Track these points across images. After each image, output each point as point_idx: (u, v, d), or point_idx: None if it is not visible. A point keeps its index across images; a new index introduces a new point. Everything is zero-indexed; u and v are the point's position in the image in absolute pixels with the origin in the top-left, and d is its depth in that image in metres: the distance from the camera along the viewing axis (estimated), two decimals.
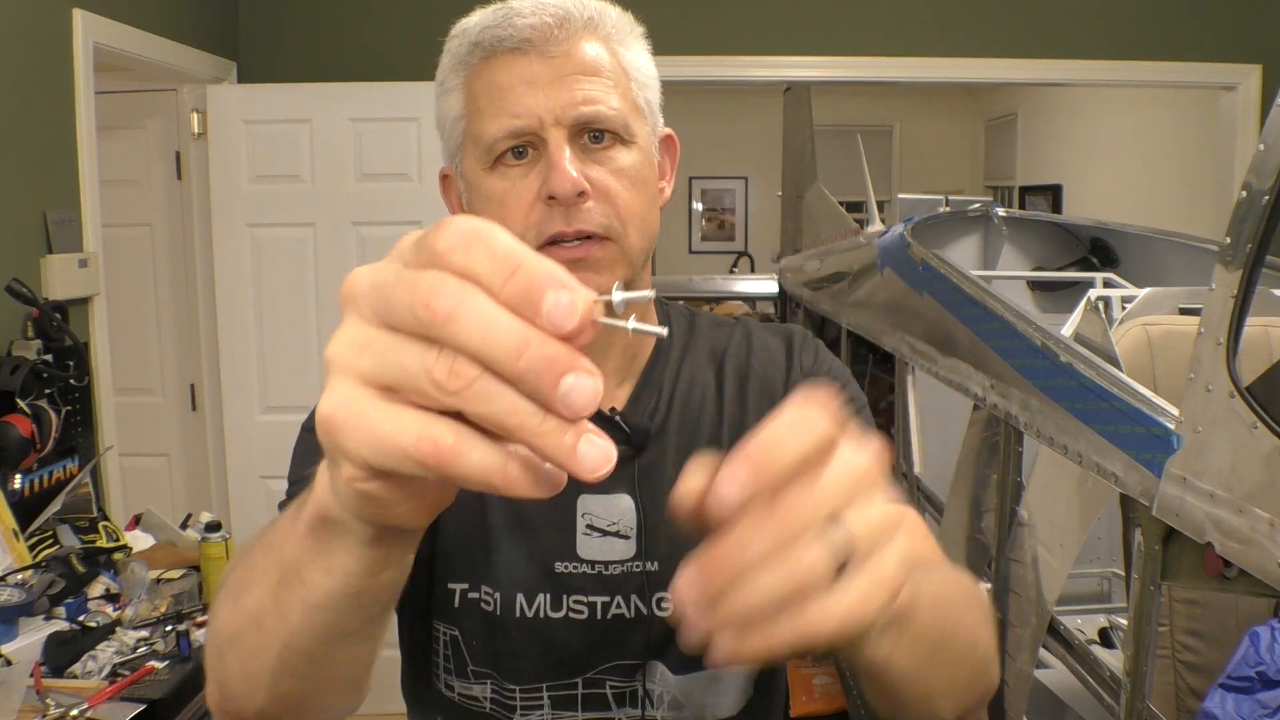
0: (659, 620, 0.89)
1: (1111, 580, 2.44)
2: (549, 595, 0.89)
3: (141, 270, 3.57)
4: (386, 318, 0.38)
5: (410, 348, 0.37)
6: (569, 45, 0.84)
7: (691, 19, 3.82)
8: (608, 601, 0.89)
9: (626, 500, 0.90)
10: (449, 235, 0.37)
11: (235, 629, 0.57)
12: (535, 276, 0.36)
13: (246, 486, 3.59)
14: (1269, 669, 1.30)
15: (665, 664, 0.90)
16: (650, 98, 0.90)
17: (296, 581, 0.50)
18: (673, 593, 0.40)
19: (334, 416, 0.39)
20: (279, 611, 0.53)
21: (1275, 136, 1.09)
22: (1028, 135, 7.71)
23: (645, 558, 0.90)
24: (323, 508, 0.46)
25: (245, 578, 0.57)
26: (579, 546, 0.90)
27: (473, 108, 0.86)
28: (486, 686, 0.90)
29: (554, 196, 0.81)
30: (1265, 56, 3.91)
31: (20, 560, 2.06)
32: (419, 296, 0.36)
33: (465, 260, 0.37)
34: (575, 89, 0.83)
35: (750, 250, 8.64)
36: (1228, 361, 1.15)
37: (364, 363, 0.39)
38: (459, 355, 0.36)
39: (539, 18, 0.83)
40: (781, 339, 1.00)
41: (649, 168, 0.89)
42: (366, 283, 0.39)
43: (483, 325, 0.36)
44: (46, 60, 2.55)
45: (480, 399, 0.36)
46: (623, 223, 0.85)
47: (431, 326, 0.36)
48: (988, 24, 3.89)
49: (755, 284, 7.12)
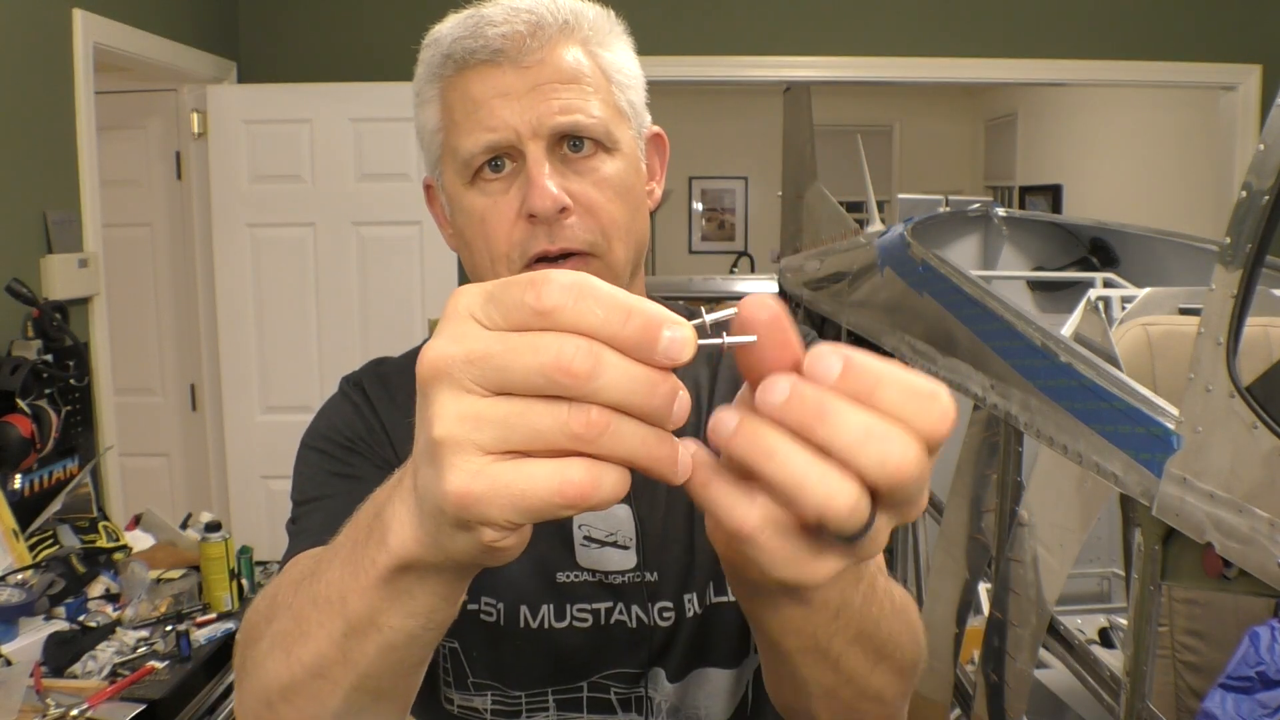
0: (661, 629, 0.89)
1: (1111, 580, 2.44)
2: (553, 605, 0.88)
3: (141, 270, 3.57)
4: (501, 385, 0.40)
5: (538, 409, 0.39)
6: (544, 53, 0.81)
7: (692, 19, 3.82)
8: (610, 607, 0.89)
9: (623, 510, 0.90)
10: (553, 294, 0.39)
11: (290, 680, 0.57)
12: (648, 320, 0.39)
13: (246, 486, 3.59)
14: (1269, 669, 1.30)
15: (665, 671, 0.90)
16: (634, 99, 0.87)
17: (371, 630, 0.52)
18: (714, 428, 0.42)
19: (470, 492, 0.40)
20: (347, 660, 0.54)
21: (1275, 136, 1.09)
22: (1028, 135, 7.70)
23: (646, 568, 0.89)
24: (406, 558, 0.48)
25: (294, 631, 0.57)
26: (579, 557, 0.89)
27: (448, 121, 0.84)
28: (487, 698, 0.90)
29: (534, 214, 0.79)
30: (1265, 56, 3.91)
31: (20, 560, 2.06)
32: (550, 360, 0.38)
33: (577, 316, 0.39)
34: (552, 99, 0.80)
35: (750, 250, 8.64)
36: (1228, 361, 1.15)
37: (484, 435, 0.40)
38: (592, 405, 0.39)
39: (510, 26, 0.80)
40: None
41: (633, 173, 0.86)
42: (458, 358, 0.40)
43: (619, 377, 0.39)
44: (46, 60, 2.55)
45: (614, 440, 0.39)
46: (607, 237, 0.83)
47: (573, 388, 0.39)
48: (988, 24, 3.90)
49: (755, 284, 7.12)
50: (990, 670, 1.76)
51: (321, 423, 0.92)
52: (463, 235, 0.86)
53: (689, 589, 0.90)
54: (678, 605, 0.90)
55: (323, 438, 0.90)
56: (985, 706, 1.77)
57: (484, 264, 0.84)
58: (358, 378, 0.95)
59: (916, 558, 2.39)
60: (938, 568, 2.09)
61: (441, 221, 0.92)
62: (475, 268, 0.86)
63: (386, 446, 0.89)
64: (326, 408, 0.94)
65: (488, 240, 0.83)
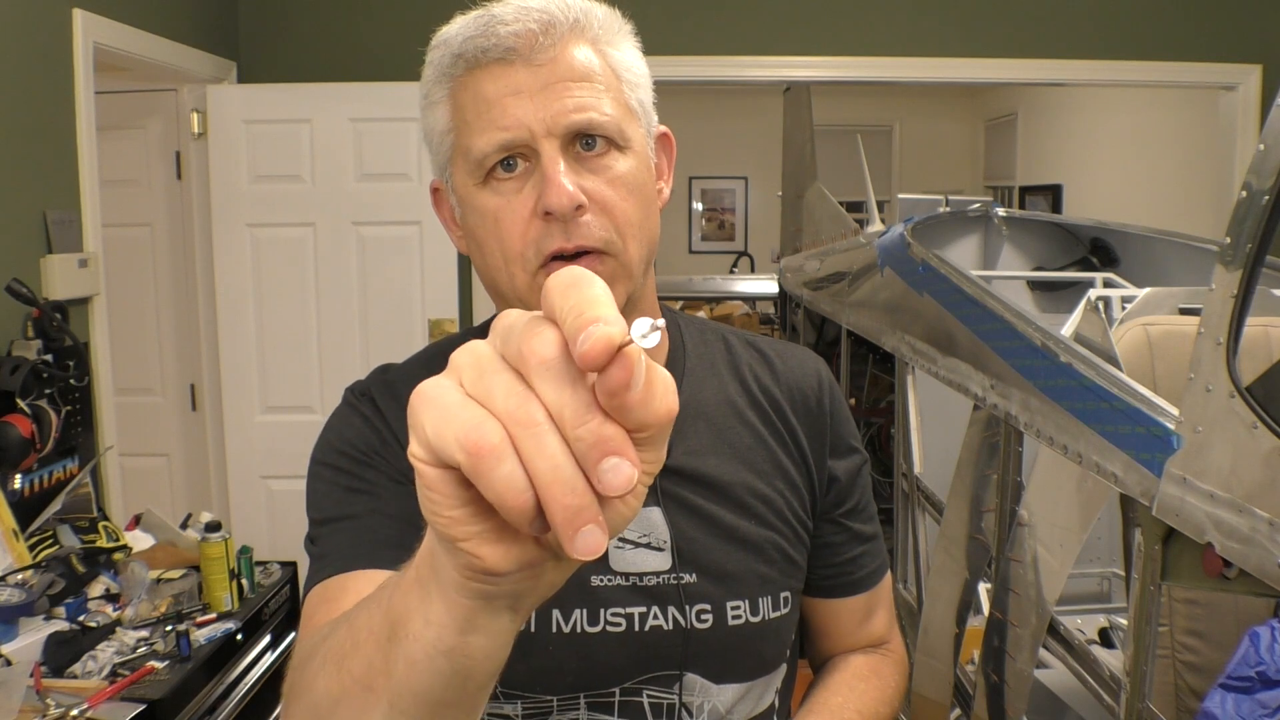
0: (697, 632, 0.89)
1: (1111, 580, 2.44)
2: (586, 610, 0.88)
3: (141, 270, 3.57)
4: (502, 349, 0.42)
5: (507, 378, 0.41)
6: (556, 51, 0.81)
7: (692, 19, 3.82)
8: (645, 612, 0.88)
9: (656, 513, 0.90)
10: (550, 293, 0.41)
11: (340, 692, 0.55)
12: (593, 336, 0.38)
13: (246, 486, 3.59)
14: (1269, 669, 1.30)
15: (704, 675, 0.90)
16: (643, 98, 0.87)
17: (403, 634, 0.50)
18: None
19: (424, 390, 0.42)
20: (387, 668, 0.52)
21: (1275, 136, 1.09)
22: (1028, 135, 7.71)
23: (681, 569, 0.89)
24: (428, 544, 0.48)
25: (348, 642, 0.56)
26: (612, 560, 0.89)
27: (459, 121, 0.83)
28: (518, 706, 0.89)
29: (550, 212, 0.79)
30: (1265, 56, 3.91)
31: (20, 560, 2.06)
32: (525, 339, 0.40)
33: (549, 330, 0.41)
34: (565, 97, 0.80)
35: (750, 250, 8.65)
36: (1228, 361, 1.15)
37: (467, 373, 0.42)
38: (535, 401, 0.39)
39: (522, 24, 0.80)
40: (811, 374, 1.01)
41: (645, 171, 0.86)
42: (508, 321, 0.43)
43: (559, 383, 0.39)
44: (46, 60, 2.55)
45: (535, 441, 0.39)
46: (621, 235, 0.83)
47: (522, 364, 0.40)
48: (988, 24, 3.90)
49: (755, 284, 7.12)
50: (990, 670, 1.76)
51: (332, 436, 0.91)
52: (474, 236, 0.85)
53: (734, 596, 0.90)
54: (718, 610, 0.89)
55: (335, 452, 0.89)
56: (985, 706, 1.77)
57: (497, 265, 0.83)
58: (364, 387, 0.94)
59: (916, 558, 2.39)
60: (938, 568, 2.09)
61: (450, 225, 0.91)
62: (488, 269, 0.85)
63: (400, 457, 0.88)
64: (334, 420, 0.93)
65: (501, 241, 0.82)
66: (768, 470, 0.95)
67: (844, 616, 1.03)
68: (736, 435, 0.95)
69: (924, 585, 2.26)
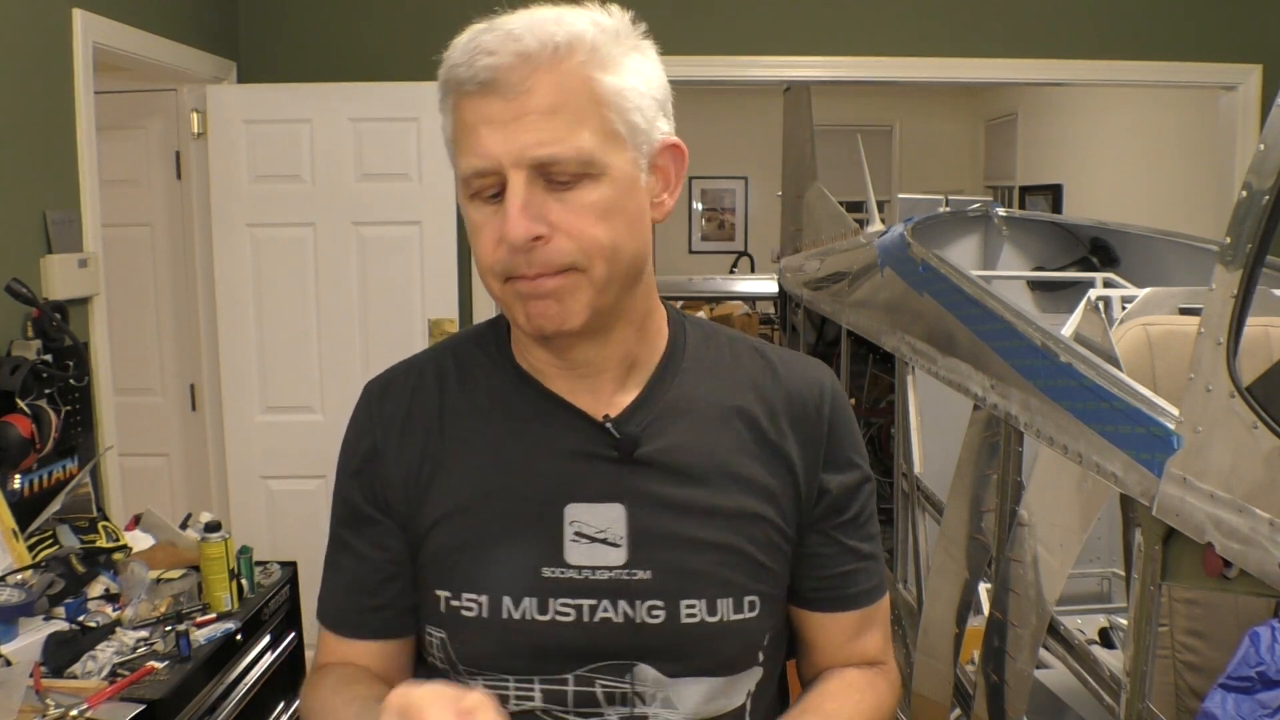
0: (648, 626, 0.90)
1: (1111, 580, 2.44)
2: (535, 600, 0.91)
3: (141, 270, 3.57)
4: None
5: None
6: (531, 83, 0.83)
7: (691, 19, 3.82)
8: (594, 605, 0.90)
9: (618, 509, 0.92)
10: None
11: None
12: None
13: (246, 486, 3.59)
14: (1269, 669, 1.30)
15: (657, 668, 0.91)
16: (639, 119, 0.87)
17: None
18: None
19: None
20: None
21: (1275, 136, 1.09)
22: (1028, 135, 7.71)
23: (635, 566, 0.91)
24: None
25: None
26: (567, 553, 0.91)
27: (454, 135, 0.88)
28: (478, 682, 0.92)
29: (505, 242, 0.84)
30: (1265, 56, 3.91)
31: (20, 560, 2.06)
32: None
33: None
34: (532, 131, 0.82)
35: (750, 250, 8.66)
36: (1228, 361, 1.15)
37: None
38: None
39: (500, 57, 0.82)
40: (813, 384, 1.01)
41: (624, 195, 0.87)
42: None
43: None
44: (46, 60, 2.55)
45: None
46: (588, 256, 0.85)
47: None
48: (988, 24, 3.89)
49: (755, 284, 7.13)
50: (990, 670, 1.76)
51: (346, 436, 1.02)
52: (470, 238, 0.91)
53: (690, 595, 0.91)
54: (671, 606, 0.91)
55: (342, 464, 1.01)
56: (985, 706, 1.77)
57: (479, 270, 0.90)
58: (372, 385, 1.04)
59: (916, 558, 2.39)
60: (938, 568, 2.09)
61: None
62: (476, 268, 0.92)
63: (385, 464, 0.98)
64: (350, 420, 1.03)
65: (478, 254, 0.89)
66: (744, 475, 0.95)
67: (832, 631, 1.02)
68: (718, 436, 0.96)
69: (924, 585, 2.26)
